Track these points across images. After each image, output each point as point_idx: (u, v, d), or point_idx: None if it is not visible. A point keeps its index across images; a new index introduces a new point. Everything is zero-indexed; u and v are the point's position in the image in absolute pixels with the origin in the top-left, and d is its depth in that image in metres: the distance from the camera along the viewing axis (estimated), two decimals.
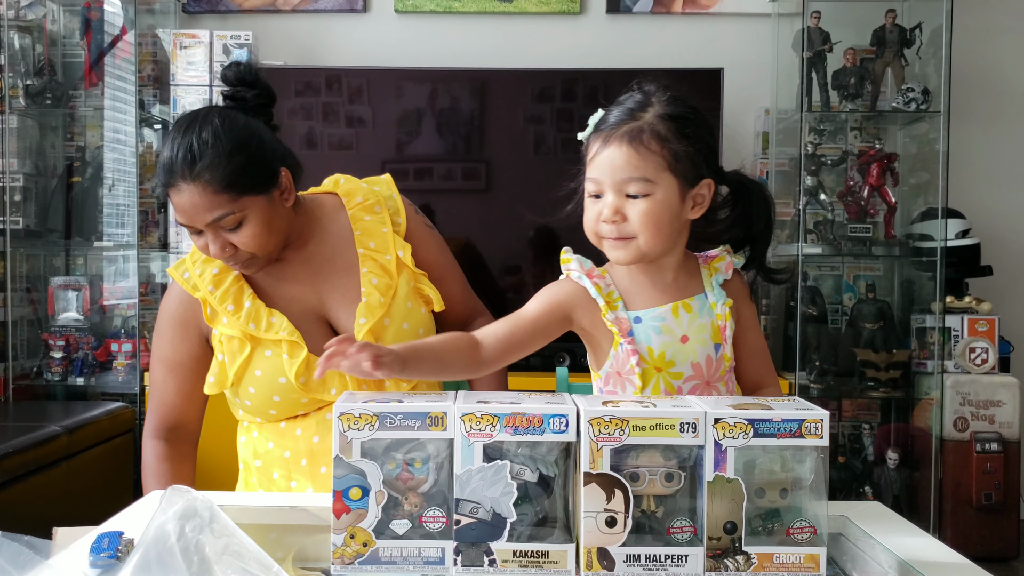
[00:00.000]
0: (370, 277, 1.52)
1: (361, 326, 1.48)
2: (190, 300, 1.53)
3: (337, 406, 0.95)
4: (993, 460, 2.97)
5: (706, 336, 1.20)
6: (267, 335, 1.48)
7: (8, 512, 2.31)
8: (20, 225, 3.20)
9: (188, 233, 1.46)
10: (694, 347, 1.19)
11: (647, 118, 1.15)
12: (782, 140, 3.24)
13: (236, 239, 1.42)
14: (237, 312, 1.49)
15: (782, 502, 0.94)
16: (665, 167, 1.14)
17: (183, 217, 1.42)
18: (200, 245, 1.46)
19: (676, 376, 1.21)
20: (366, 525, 0.95)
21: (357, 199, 1.60)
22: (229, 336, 1.49)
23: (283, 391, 1.48)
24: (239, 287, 1.52)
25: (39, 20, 3.27)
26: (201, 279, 1.52)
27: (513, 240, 3.11)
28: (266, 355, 1.48)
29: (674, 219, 1.16)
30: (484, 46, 3.41)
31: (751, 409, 0.94)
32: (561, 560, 0.94)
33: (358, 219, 1.57)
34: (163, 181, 1.42)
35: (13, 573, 0.96)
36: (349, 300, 1.52)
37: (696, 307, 1.21)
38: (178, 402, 1.57)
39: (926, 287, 3.17)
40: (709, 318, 1.21)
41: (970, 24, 3.30)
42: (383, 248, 1.54)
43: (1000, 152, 3.42)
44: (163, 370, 1.56)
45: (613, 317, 1.20)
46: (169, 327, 1.55)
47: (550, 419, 0.93)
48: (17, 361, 3.22)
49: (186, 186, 1.39)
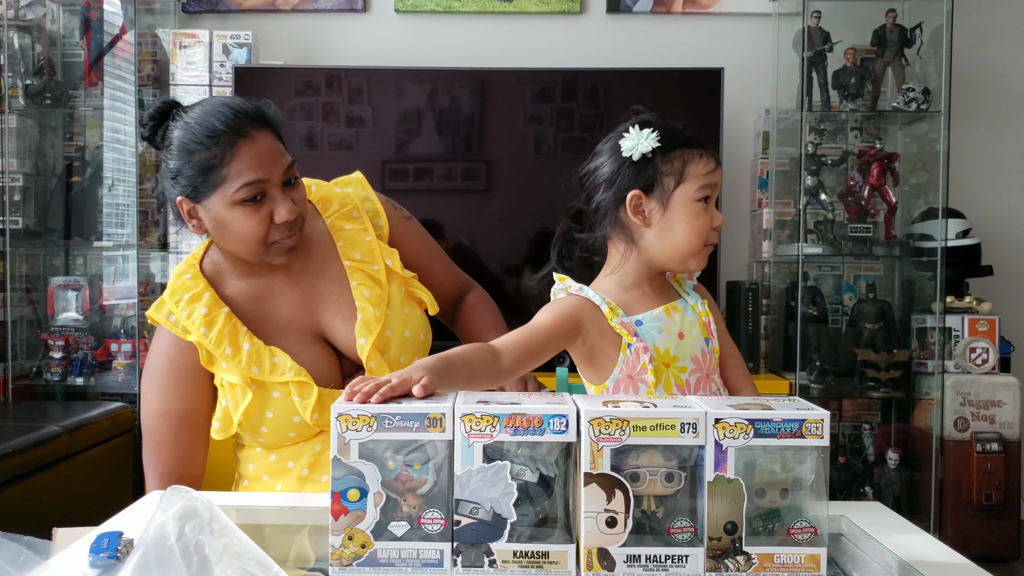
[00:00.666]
0: (361, 290, 1.47)
1: (363, 347, 1.44)
2: (184, 344, 1.43)
3: (335, 407, 0.94)
4: (993, 460, 2.97)
5: (696, 332, 1.32)
6: (272, 378, 1.41)
7: (8, 512, 2.31)
8: (20, 225, 3.20)
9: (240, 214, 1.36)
10: (690, 342, 1.30)
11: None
12: (782, 140, 3.24)
13: (296, 196, 1.39)
14: (236, 355, 1.41)
15: (782, 502, 0.94)
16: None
17: (261, 168, 1.35)
18: (258, 220, 1.36)
19: (682, 370, 1.30)
20: (364, 527, 0.94)
21: (333, 206, 1.53)
22: (230, 383, 1.42)
23: (299, 428, 1.44)
24: (233, 326, 1.43)
25: (39, 20, 3.27)
26: (190, 321, 1.42)
27: (513, 240, 3.10)
28: (274, 396, 1.43)
29: None
30: (484, 46, 3.41)
31: (752, 409, 0.94)
32: (561, 560, 0.94)
33: (338, 228, 1.51)
34: (228, 139, 1.34)
35: (13, 573, 0.95)
36: (345, 316, 1.48)
37: (682, 307, 1.33)
38: (195, 455, 1.46)
39: (926, 287, 3.17)
40: (694, 316, 1.33)
41: (970, 24, 3.30)
42: (370, 258, 1.49)
43: (1000, 152, 3.42)
44: (172, 425, 1.44)
45: (619, 321, 1.28)
46: (172, 377, 1.44)
47: (550, 419, 0.93)
48: (17, 361, 3.21)
49: (260, 133, 1.36)
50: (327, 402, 1.41)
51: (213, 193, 1.37)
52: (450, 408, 0.94)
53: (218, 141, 1.34)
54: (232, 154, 1.34)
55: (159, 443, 1.45)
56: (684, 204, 1.28)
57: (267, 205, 1.37)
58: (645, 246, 1.31)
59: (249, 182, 1.35)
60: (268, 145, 1.37)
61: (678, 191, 1.28)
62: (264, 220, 1.37)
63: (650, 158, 1.28)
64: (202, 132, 1.35)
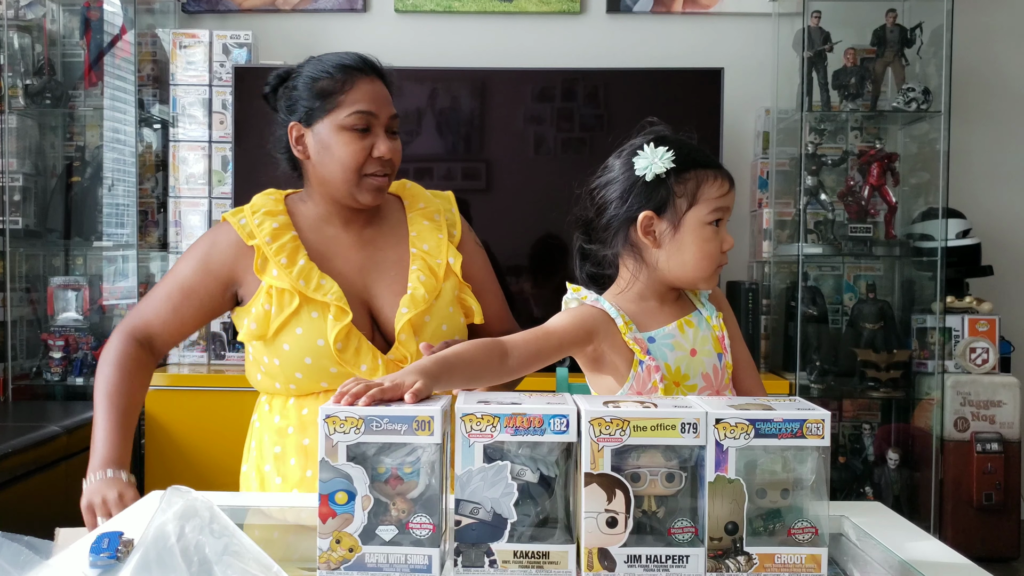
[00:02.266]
0: (418, 274, 1.57)
1: (403, 315, 1.53)
2: (236, 244, 1.56)
3: (323, 408, 0.94)
4: (993, 460, 2.97)
5: (709, 347, 1.30)
6: (316, 295, 1.50)
7: (8, 512, 2.31)
8: (20, 225, 3.20)
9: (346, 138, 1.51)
10: (702, 359, 1.29)
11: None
12: (782, 140, 3.24)
13: (394, 147, 1.55)
14: (290, 267, 1.52)
15: (783, 502, 0.94)
16: None
17: (373, 104, 1.52)
18: (359, 147, 1.51)
19: (691, 388, 1.29)
20: (352, 530, 0.94)
21: (420, 205, 1.67)
22: (279, 288, 1.51)
23: (316, 354, 1.50)
24: (295, 246, 1.55)
25: (39, 20, 3.27)
26: (259, 228, 1.55)
27: (513, 240, 3.10)
28: (312, 316, 1.51)
29: None
30: (484, 46, 3.41)
31: (752, 409, 0.94)
32: (562, 561, 0.94)
33: (416, 222, 1.64)
34: (351, 72, 1.53)
35: (13, 573, 0.95)
36: (394, 292, 1.57)
37: (696, 322, 1.31)
38: (170, 321, 1.57)
39: (926, 287, 3.17)
40: (708, 331, 1.31)
41: (970, 24, 3.30)
42: (436, 252, 1.61)
43: (1000, 152, 3.42)
44: (172, 288, 1.57)
45: (632, 337, 1.27)
46: (201, 257, 1.57)
47: (551, 419, 0.93)
48: (17, 361, 3.21)
49: (377, 79, 1.56)
50: (352, 339, 1.50)
51: (326, 117, 1.54)
52: (439, 411, 0.94)
53: (343, 71, 1.54)
54: (351, 85, 1.52)
55: (152, 294, 1.60)
56: (695, 228, 1.26)
57: (370, 139, 1.53)
58: (655, 265, 1.29)
59: (360, 111, 1.52)
60: (381, 91, 1.56)
61: (690, 213, 1.26)
62: (364, 150, 1.52)
63: (664, 178, 1.26)
64: (331, 64, 1.55)
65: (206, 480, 1.60)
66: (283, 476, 1.54)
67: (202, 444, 2.93)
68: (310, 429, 1.53)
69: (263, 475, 1.57)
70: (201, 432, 2.94)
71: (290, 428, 1.55)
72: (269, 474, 1.56)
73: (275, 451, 1.56)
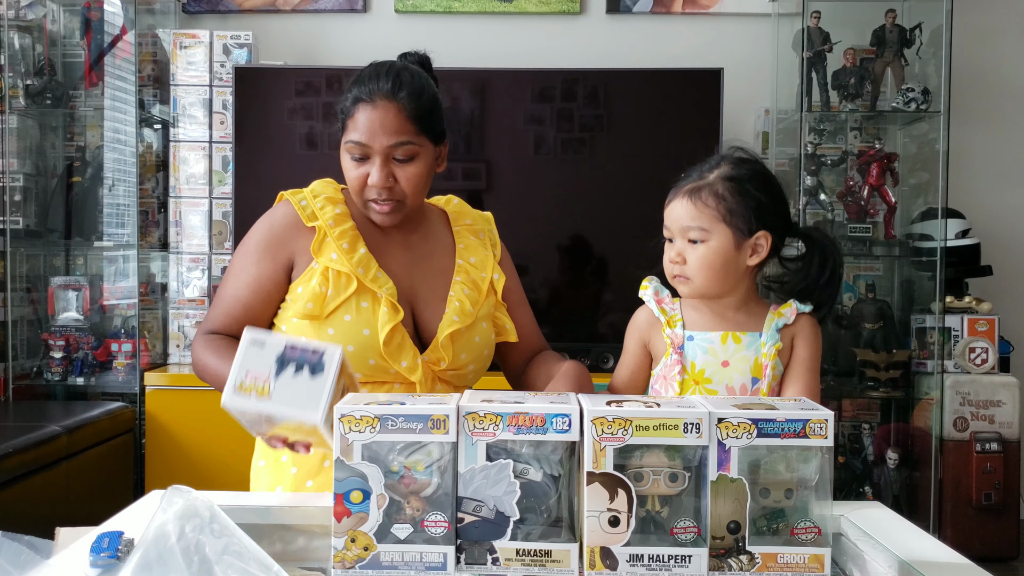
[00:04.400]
0: (462, 287, 1.59)
1: (453, 323, 1.55)
2: (295, 224, 1.56)
3: (338, 408, 0.94)
4: (993, 460, 2.97)
5: (746, 368, 1.35)
6: (372, 286, 1.52)
7: (8, 512, 2.31)
8: (20, 225, 3.20)
9: (348, 162, 1.52)
10: (732, 373, 1.34)
11: (710, 179, 1.36)
12: (782, 140, 3.24)
13: (402, 173, 1.51)
14: (351, 254, 1.53)
15: (787, 502, 0.94)
16: (719, 219, 1.33)
17: (366, 134, 1.49)
18: (358, 174, 1.51)
19: (711, 392, 1.34)
20: (367, 529, 0.94)
21: (466, 221, 1.69)
22: (338, 271, 1.52)
23: (361, 344, 1.50)
24: (355, 235, 1.56)
25: (39, 20, 3.27)
26: (321, 212, 1.56)
27: (513, 240, 3.09)
28: (362, 306, 1.52)
29: (728, 263, 1.34)
30: (484, 46, 3.41)
31: (755, 409, 0.94)
32: (564, 559, 0.94)
33: (463, 236, 1.66)
34: (359, 95, 1.50)
35: (13, 573, 0.95)
36: (436, 299, 1.59)
37: (746, 341, 1.36)
38: (244, 319, 1.55)
39: (926, 287, 3.17)
40: (755, 353, 1.35)
41: (970, 24, 3.30)
42: (481, 267, 1.63)
43: (1000, 152, 3.43)
44: (239, 287, 1.56)
45: (671, 332, 1.38)
46: (263, 247, 1.56)
47: (553, 419, 0.93)
48: (17, 361, 3.21)
49: (383, 103, 1.49)
50: (397, 335, 1.50)
51: (342, 134, 1.56)
52: (453, 409, 0.94)
53: (352, 95, 1.53)
54: (354, 111, 1.52)
55: (222, 293, 1.58)
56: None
57: (367, 166, 1.52)
58: None
59: (352, 141, 1.51)
60: (384, 117, 1.50)
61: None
62: (362, 176, 1.52)
63: None
64: (352, 82, 1.54)
65: (206, 480, 1.60)
66: (299, 465, 1.54)
67: (202, 444, 2.93)
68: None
69: (279, 466, 1.57)
70: (201, 432, 2.94)
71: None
72: (286, 464, 1.56)
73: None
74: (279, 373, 1.08)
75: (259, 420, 1.14)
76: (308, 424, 1.08)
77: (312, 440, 1.20)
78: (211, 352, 1.51)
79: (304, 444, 1.23)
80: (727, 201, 1.33)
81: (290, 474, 1.55)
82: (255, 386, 1.08)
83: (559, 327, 3.00)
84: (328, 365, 1.08)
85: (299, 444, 1.23)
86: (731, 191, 1.34)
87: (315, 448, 1.24)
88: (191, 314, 3.25)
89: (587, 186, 3.07)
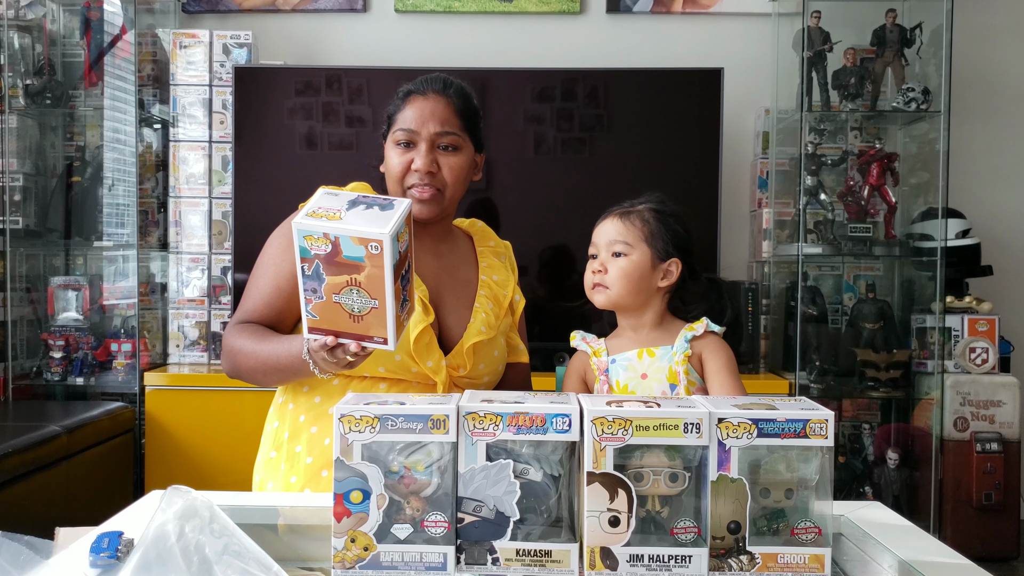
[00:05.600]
0: (486, 301, 1.66)
1: (481, 333, 1.61)
2: None
3: (337, 408, 0.94)
4: (993, 460, 2.97)
5: (662, 376, 1.48)
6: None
7: (8, 512, 2.31)
8: (20, 225, 3.20)
9: (393, 151, 1.60)
10: (651, 384, 1.48)
11: (639, 207, 1.55)
12: (782, 140, 3.24)
13: (445, 162, 1.61)
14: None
15: (787, 502, 0.94)
16: (643, 239, 1.50)
17: (415, 122, 1.60)
18: (402, 160, 1.59)
19: None
20: (367, 529, 0.94)
21: (490, 243, 1.79)
22: None
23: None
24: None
25: (39, 20, 3.27)
26: None
27: (513, 240, 3.09)
28: None
29: (643, 279, 1.50)
30: (484, 46, 3.41)
31: (755, 409, 0.94)
32: (564, 559, 0.94)
33: (487, 256, 1.75)
34: (411, 89, 1.63)
35: (13, 573, 0.95)
36: (460, 307, 1.65)
37: (659, 354, 1.49)
38: (271, 318, 1.60)
39: (926, 287, 3.17)
40: (668, 363, 1.48)
41: (970, 24, 3.30)
42: (504, 285, 1.71)
43: (1000, 152, 3.43)
44: (267, 286, 1.60)
45: (597, 361, 1.54)
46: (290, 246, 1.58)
47: (553, 419, 0.93)
48: (17, 361, 3.21)
49: (434, 95, 1.63)
50: (425, 336, 1.54)
51: (388, 134, 1.65)
52: (453, 409, 0.94)
53: (403, 92, 1.65)
54: (404, 105, 1.63)
55: (253, 287, 1.62)
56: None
57: (412, 152, 1.60)
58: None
59: (402, 128, 1.61)
60: (434, 107, 1.62)
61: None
62: (406, 162, 1.60)
63: None
64: (403, 88, 1.67)
65: (206, 480, 1.60)
66: (315, 456, 1.54)
67: (202, 444, 2.93)
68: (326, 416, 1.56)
69: (293, 456, 1.57)
70: (201, 432, 2.94)
71: (331, 408, 1.55)
72: (300, 455, 1.56)
73: (311, 431, 1.56)
74: (351, 208, 1.13)
75: (320, 269, 1.14)
76: (375, 236, 1.09)
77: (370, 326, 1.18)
78: (248, 335, 1.54)
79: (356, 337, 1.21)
80: (651, 225, 1.51)
81: (304, 463, 1.56)
82: (327, 214, 1.12)
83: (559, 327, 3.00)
84: (398, 205, 1.14)
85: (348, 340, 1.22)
86: (655, 218, 1.52)
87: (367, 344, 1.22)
88: (191, 314, 3.25)
89: (587, 186, 3.07)
